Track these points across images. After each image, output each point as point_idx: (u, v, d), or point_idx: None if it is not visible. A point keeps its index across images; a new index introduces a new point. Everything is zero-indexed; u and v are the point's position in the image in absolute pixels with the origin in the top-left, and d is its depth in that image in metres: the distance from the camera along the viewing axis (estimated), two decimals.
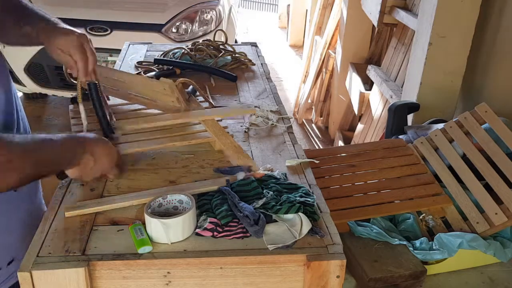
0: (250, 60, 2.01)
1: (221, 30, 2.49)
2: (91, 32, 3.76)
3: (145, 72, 1.85)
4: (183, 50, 1.99)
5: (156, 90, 1.42)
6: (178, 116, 1.38)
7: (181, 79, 1.57)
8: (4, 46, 3.72)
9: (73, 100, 1.49)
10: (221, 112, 1.46)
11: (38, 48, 3.64)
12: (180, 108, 1.41)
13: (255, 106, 1.58)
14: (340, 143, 3.63)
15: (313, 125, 4.48)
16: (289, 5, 7.48)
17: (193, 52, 1.98)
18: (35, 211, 1.22)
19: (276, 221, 1.01)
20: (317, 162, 1.43)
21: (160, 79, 1.41)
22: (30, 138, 0.94)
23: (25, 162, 0.90)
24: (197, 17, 3.95)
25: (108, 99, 1.47)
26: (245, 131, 1.43)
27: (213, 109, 1.50)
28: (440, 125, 1.71)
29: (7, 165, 0.86)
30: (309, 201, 1.04)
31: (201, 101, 1.54)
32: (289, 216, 1.01)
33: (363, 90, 3.14)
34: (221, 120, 1.41)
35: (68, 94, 3.99)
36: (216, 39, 2.12)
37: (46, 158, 0.94)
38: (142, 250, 0.92)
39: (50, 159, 0.95)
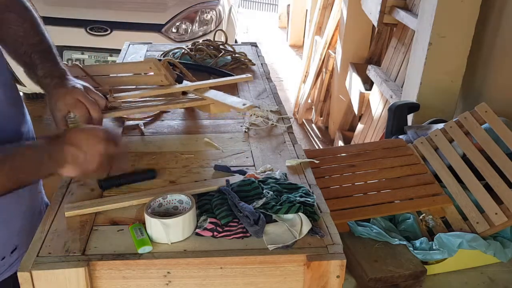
0: (250, 60, 2.01)
1: (221, 30, 2.49)
2: (91, 32, 3.76)
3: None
4: (183, 50, 1.99)
5: (144, 72, 1.45)
6: (171, 87, 1.43)
7: (166, 58, 1.61)
8: None
9: None
10: (215, 82, 1.49)
11: None
12: (170, 85, 1.44)
13: (255, 107, 1.58)
14: (340, 143, 3.64)
15: (313, 125, 4.48)
16: (289, 5, 7.49)
17: (193, 52, 1.98)
18: (35, 201, 1.25)
19: (276, 221, 1.01)
20: (317, 162, 1.43)
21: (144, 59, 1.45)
22: (6, 148, 0.93)
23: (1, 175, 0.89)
24: (197, 17, 3.95)
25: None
26: (245, 131, 1.43)
27: (207, 81, 1.53)
28: (440, 125, 1.70)
29: None
30: (309, 201, 1.04)
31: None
32: (289, 216, 1.01)
33: (363, 90, 3.14)
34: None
35: None
36: (216, 39, 2.12)
37: (21, 168, 0.92)
38: (142, 250, 0.92)
39: (27, 167, 0.93)
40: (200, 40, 2.11)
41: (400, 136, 1.81)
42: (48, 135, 0.98)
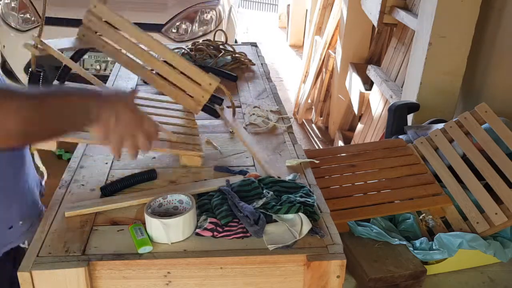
0: (250, 60, 2.01)
1: (221, 30, 2.49)
2: None
3: None
4: (183, 50, 1.99)
5: (194, 79, 1.33)
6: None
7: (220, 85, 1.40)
8: (4, 46, 3.70)
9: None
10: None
11: None
12: (196, 110, 1.37)
13: (255, 106, 1.58)
14: (340, 143, 3.63)
15: (313, 125, 4.47)
16: (289, 5, 7.48)
17: (193, 52, 1.98)
18: (31, 174, 1.20)
19: (277, 221, 1.01)
20: (317, 162, 1.43)
21: (209, 73, 1.33)
22: (34, 90, 0.84)
23: (25, 115, 0.76)
24: (197, 17, 3.94)
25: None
26: (244, 127, 1.43)
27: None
28: (440, 125, 1.70)
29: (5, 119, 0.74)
30: (309, 201, 1.04)
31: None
32: (289, 216, 1.01)
33: (363, 90, 3.14)
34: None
35: None
36: (216, 39, 2.12)
37: (52, 112, 0.80)
38: (142, 250, 0.92)
39: (58, 112, 0.81)
40: (200, 40, 2.11)
41: (400, 136, 1.81)
42: (87, 88, 0.90)
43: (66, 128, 0.88)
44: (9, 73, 3.90)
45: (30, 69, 1.25)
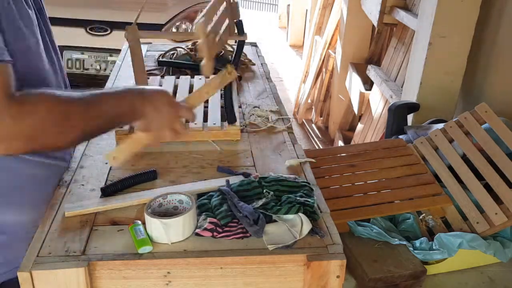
0: (250, 60, 2.01)
1: None
2: (91, 32, 3.76)
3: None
4: (183, 50, 1.99)
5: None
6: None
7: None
8: None
9: None
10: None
11: None
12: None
13: (255, 106, 1.58)
14: (340, 143, 3.63)
15: (313, 125, 4.47)
16: (289, 5, 7.48)
17: (193, 52, 1.98)
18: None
19: (277, 221, 1.01)
20: (317, 162, 1.43)
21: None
22: (88, 94, 0.92)
23: (85, 118, 0.89)
24: (197, 17, 3.94)
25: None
26: (242, 128, 1.42)
27: None
28: (440, 125, 1.70)
29: (67, 122, 0.86)
30: (309, 201, 1.04)
31: None
32: (290, 216, 1.01)
33: (363, 90, 3.14)
34: None
35: None
36: None
37: (105, 112, 0.93)
38: (142, 250, 0.92)
39: (110, 112, 0.93)
40: None
41: (400, 136, 1.81)
42: (131, 88, 1.02)
43: (116, 126, 1.02)
44: None
45: None
